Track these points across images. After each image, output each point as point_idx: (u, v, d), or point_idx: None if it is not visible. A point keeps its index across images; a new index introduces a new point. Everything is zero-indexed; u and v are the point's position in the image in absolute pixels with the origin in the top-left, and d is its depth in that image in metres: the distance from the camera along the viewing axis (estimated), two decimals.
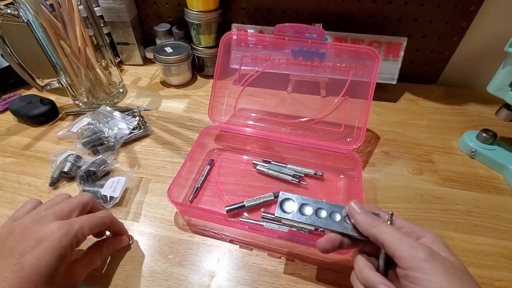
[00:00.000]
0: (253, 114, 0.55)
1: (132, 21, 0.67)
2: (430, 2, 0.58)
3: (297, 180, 0.46)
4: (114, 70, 0.62)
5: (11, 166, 0.49)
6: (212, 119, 0.52)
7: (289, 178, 0.46)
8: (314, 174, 0.47)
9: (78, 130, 0.53)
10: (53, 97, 0.62)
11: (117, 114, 0.55)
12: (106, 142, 0.51)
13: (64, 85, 0.57)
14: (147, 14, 0.71)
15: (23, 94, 0.62)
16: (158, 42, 0.70)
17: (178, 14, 0.69)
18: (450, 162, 0.51)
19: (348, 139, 0.49)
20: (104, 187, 0.43)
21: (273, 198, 0.43)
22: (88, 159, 0.48)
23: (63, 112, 0.60)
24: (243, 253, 0.38)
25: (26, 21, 0.48)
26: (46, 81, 0.58)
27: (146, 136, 0.55)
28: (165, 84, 0.69)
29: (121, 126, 0.53)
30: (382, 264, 0.26)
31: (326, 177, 0.47)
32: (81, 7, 0.51)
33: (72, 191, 0.45)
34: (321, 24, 0.57)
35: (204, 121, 0.59)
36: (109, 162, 0.47)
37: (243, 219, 0.41)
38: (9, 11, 0.47)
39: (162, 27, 0.69)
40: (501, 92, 0.47)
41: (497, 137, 0.50)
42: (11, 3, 0.47)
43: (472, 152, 0.51)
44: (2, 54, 0.55)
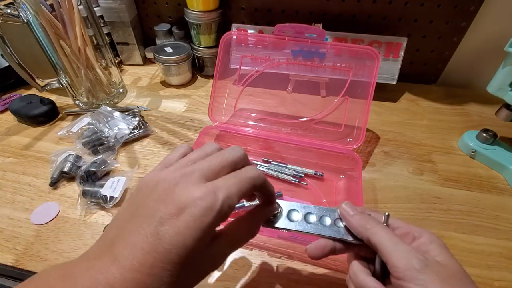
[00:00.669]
0: (253, 114, 0.55)
1: (132, 21, 0.67)
2: (430, 2, 0.58)
3: (297, 180, 0.46)
4: (114, 70, 0.62)
5: (11, 166, 0.49)
6: (212, 119, 0.52)
7: (289, 178, 0.46)
8: (314, 174, 0.47)
9: (78, 130, 0.53)
10: (53, 97, 0.62)
11: (117, 114, 0.55)
12: (106, 142, 0.51)
13: (64, 85, 0.57)
14: (147, 14, 0.71)
15: (23, 94, 0.62)
16: (158, 42, 0.70)
17: (178, 14, 0.69)
18: (450, 162, 0.51)
19: (348, 139, 0.49)
20: (104, 187, 0.43)
21: None
22: (88, 159, 0.48)
23: (63, 112, 0.60)
24: (243, 253, 0.38)
25: (26, 21, 0.48)
26: (46, 81, 0.58)
27: (146, 136, 0.55)
28: (165, 84, 0.69)
29: (121, 126, 0.53)
30: (378, 268, 0.25)
31: (326, 177, 0.47)
32: (81, 7, 0.51)
33: (72, 191, 0.45)
34: (321, 24, 0.57)
35: (204, 121, 0.59)
36: (109, 162, 0.47)
37: None
38: (9, 11, 0.47)
39: (162, 27, 0.69)
40: (501, 92, 0.47)
41: (497, 137, 0.50)
42: (11, 3, 0.47)
43: (472, 152, 0.51)
44: (2, 54, 0.55)
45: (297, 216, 0.28)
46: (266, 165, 0.48)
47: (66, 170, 0.46)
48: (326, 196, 0.45)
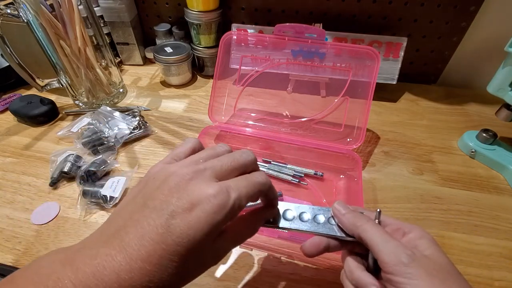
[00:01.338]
0: (253, 114, 0.55)
1: (132, 21, 0.67)
2: (430, 2, 0.58)
3: (297, 180, 0.46)
4: (114, 70, 0.62)
5: (11, 166, 0.49)
6: (212, 119, 0.51)
7: (289, 178, 0.46)
8: (314, 174, 0.47)
9: (78, 130, 0.53)
10: (53, 97, 0.62)
11: (117, 114, 0.55)
12: (106, 142, 0.51)
13: (64, 85, 0.57)
14: (147, 14, 0.71)
15: (23, 94, 0.62)
16: (158, 42, 0.70)
17: (178, 14, 0.69)
18: (450, 162, 0.51)
19: (348, 139, 0.49)
20: (104, 187, 0.43)
21: None
22: (88, 159, 0.48)
23: (63, 112, 0.60)
24: (243, 253, 0.38)
25: (26, 21, 0.48)
26: (46, 81, 0.58)
27: (146, 136, 0.55)
28: (165, 84, 0.69)
29: (121, 126, 0.53)
30: (371, 263, 0.26)
31: (326, 177, 0.47)
32: (81, 7, 0.51)
33: (72, 191, 0.45)
34: (321, 24, 0.57)
35: (204, 121, 0.59)
36: (109, 162, 0.47)
37: None
38: (9, 11, 0.47)
39: (162, 27, 0.69)
40: (501, 92, 0.47)
41: (497, 137, 0.50)
42: (11, 3, 0.47)
43: (472, 152, 0.51)
44: (2, 54, 0.55)
45: (291, 215, 0.29)
46: (266, 165, 0.48)
47: (66, 170, 0.46)
48: (326, 196, 0.45)
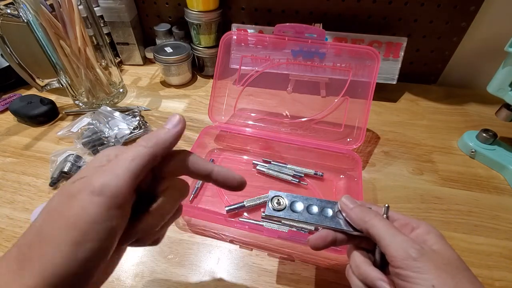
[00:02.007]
0: (253, 114, 0.55)
1: (132, 21, 0.67)
2: (430, 2, 0.58)
3: (297, 180, 0.46)
4: (114, 70, 0.62)
5: (11, 166, 0.49)
6: (212, 119, 0.51)
7: (289, 178, 0.46)
8: (314, 174, 0.47)
9: (78, 130, 0.53)
10: (53, 97, 0.62)
11: (117, 114, 0.55)
12: (106, 142, 0.51)
13: (64, 85, 0.57)
14: (147, 14, 0.71)
15: (23, 94, 0.62)
16: (158, 42, 0.70)
17: (178, 14, 0.69)
18: (450, 162, 0.51)
19: (348, 139, 0.49)
20: None
21: None
22: (88, 159, 0.48)
23: (63, 112, 0.60)
24: (243, 253, 0.38)
25: (26, 21, 0.48)
26: (46, 81, 0.58)
27: None
28: (165, 84, 0.69)
29: (121, 126, 0.53)
30: (379, 259, 0.26)
31: (326, 177, 0.47)
32: (81, 7, 0.51)
33: None
34: (321, 24, 0.57)
35: (204, 121, 0.58)
36: None
37: (243, 219, 0.41)
38: (9, 11, 0.47)
39: (162, 27, 0.69)
40: (501, 92, 0.47)
41: (497, 137, 0.50)
42: (11, 3, 0.47)
43: (472, 152, 0.51)
44: (2, 54, 0.55)
45: (299, 207, 0.29)
46: (266, 165, 0.48)
47: (66, 170, 0.46)
48: (326, 196, 0.45)
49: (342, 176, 0.48)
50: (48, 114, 0.57)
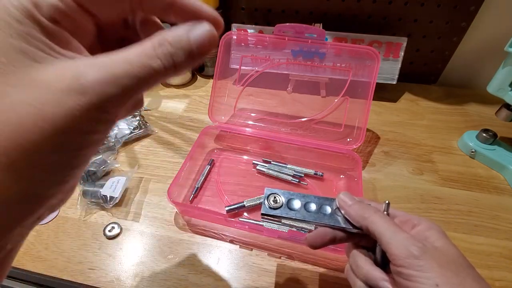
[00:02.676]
0: (253, 114, 0.55)
1: None
2: (430, 2, 0.58)
3: (297, 180, 0.46)
4: None
5: None
6: (212, 119, 0.51)
7: (289, 178, 0.46)
8: (314, 174, 0.47)
9: None
10: None
11: None
12: (106, 142, 0.51)
13: None
14: None
15: None
16: None
17: None
18: (450, 162, 0.51)
19: (348, 139, 0.49)
20: (104, 187, 0.43)
21: None
22: None
23: None
24: (243, 253, 0.38)
25: None
26: None
27: (146, 136, 0.55)
28: (165, 84, 0.69)
29: (121, 126, 0.53)
30: (379, 257, 0.25)
31: (326, 177, 0.47)
32: None
33: None
34: (321, 24, 0.57)
35: (204, 121, 0.58)
36: (109, 162, 0.47)
37: (243, 219, 0.41)
38: None
39: None
40: (501, 92, 0.47)
41: (497, 137, 0.50)
42: None
43: (472, 152, 0.51)
44: None
45: (297, 205, 0.28)
46: (266, 165, 0.48)
47: None
48: (326, 196, 0.45)
49: (342, 176, 0.48)
50: None
